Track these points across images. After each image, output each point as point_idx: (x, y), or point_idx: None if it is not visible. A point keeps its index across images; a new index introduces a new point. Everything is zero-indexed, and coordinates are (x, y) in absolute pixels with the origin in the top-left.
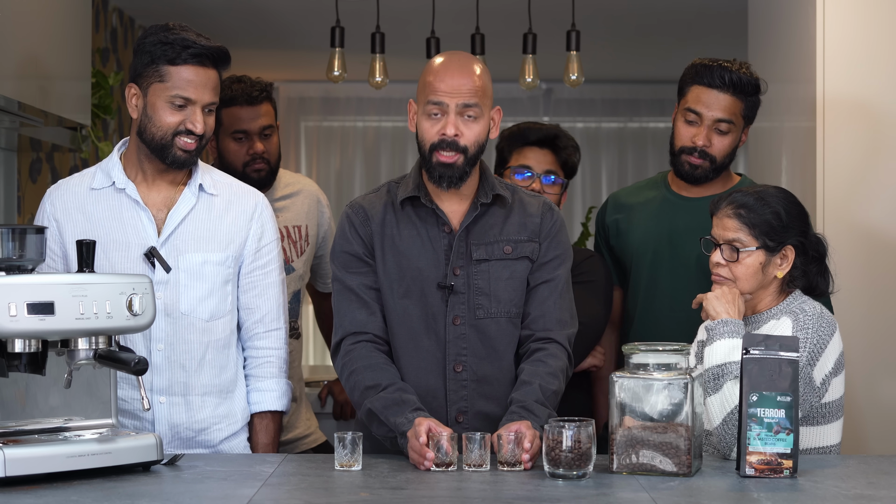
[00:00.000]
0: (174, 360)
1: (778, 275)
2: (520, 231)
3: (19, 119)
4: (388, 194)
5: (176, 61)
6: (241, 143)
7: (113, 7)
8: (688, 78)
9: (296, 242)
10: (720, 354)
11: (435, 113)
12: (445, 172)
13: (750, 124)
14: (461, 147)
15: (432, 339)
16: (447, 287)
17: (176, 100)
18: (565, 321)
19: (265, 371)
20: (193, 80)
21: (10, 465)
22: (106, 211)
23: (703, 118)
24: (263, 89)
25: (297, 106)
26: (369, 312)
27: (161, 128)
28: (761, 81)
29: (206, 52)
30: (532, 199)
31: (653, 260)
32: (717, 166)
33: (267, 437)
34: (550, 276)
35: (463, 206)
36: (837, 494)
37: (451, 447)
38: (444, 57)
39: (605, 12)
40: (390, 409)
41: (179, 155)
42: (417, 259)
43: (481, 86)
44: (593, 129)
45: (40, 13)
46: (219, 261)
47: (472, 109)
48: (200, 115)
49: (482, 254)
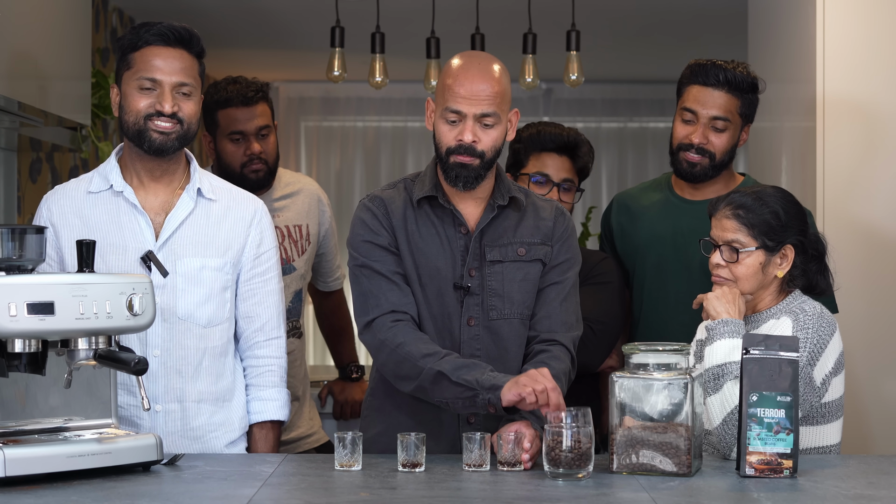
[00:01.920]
0: (170, 366)
1: (778, 274)
2: (533, 234)
3: (19, 119)
4: (406, 191)
5: (138, 45)
6: (238, 145)
7: (113, 7)
8: (685, 79)
9: (297, 242)
10: (720, 354)
11: (453, 119)
12: (462, 173)
13: (749, 123)
14: (478, 152)
15: (447, 338)
16: (463, 288)
17: (143, 83)
18: (570, 324)
19: (266, 380)
20: (157, 60)
21: (10, 465)
22: (104, 215)
23: (699, 116)
24: (259, 89)
25: (297, 106)
26: (404, 294)
27: (132, 113)
28: (760, 81)
29: (168, 32)
30: (544, 203)
31: (657, 263)
32: (717, 164)
33: (266, 446)
34: (559, 279)
35: (479, 208)
36: (837, 494)
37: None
38: (463, 59)
39: (605, 12)
40: (463, 370)
41: (155, 138)
42: (436, 258)
43: (500, 91)
44: (593, 129)
45: (40, 13)
46: (217, 266)
47: (490, 118)
48: (169, 95)
49: (496, 255)
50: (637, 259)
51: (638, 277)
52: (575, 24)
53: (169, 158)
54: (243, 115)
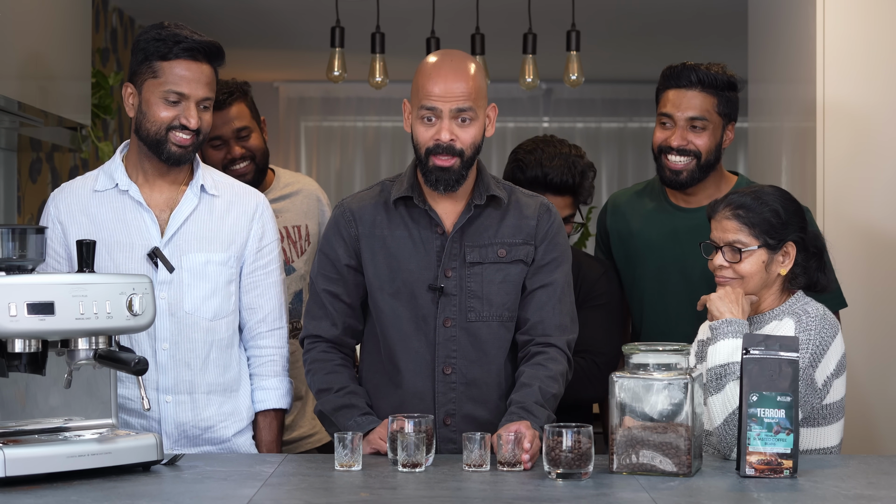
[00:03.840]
0: (179, 359)
1: (781, 272)
2: (515, 234)
3: (19, 119)
4: (382, 193)
5: (168, 56)
6: (219, 150)
7: (113, 7)
8: (660, 86)
9: (296, 242)
10: (723, 354)
11: (428, 118)
12: (442, 176)
13: (732, 122)
14: (457, 150)
15: (422, 340)
16: (437, 289)
17: (169, 95)
18: (565, 326)
19: (268, 370)
20: (186, 74)
21: (10, 465)
22: (110, 213)
23: (676, 119)
24: (232, 92)
25: (297, 106)
26: (330, 323)
27: (155, 123)
28: (737, 79)
29: (197, 47)
30: (529, 200)
31: (656, 274)
32: (703, 165)
33: (270, 434)
34: (548, 280)
35: (457, 208)
36: (837, 494)
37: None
38: (436, 57)
39: (605, 12)
40: (340, 412)
41: (174, 150)
42: (408, 261)
43: (475, 87)
44: (593, 129)
45: (40, 13)
46: (221, 261)
47: (467, 113)
48: (194, 111)
49: (475, 256)
50: (636, 269)
51: (637, 287)
52: (575, 24)
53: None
54: (218, 119)
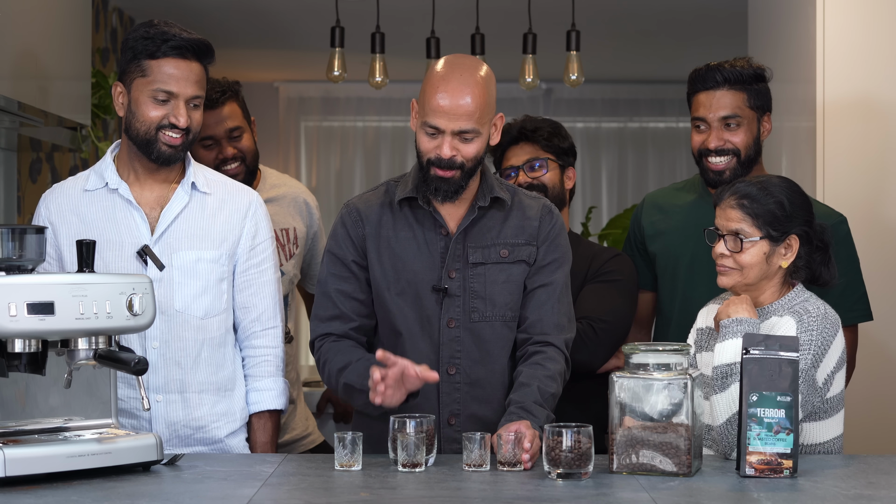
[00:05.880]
0: (169, 358)
1: (783, 264)
2: (517, 234)
3: (19, 119)
4: (387, 194)
5: (156, 55)
6: (210, 150)
7: (113, 7)
8: (689, 91)
9: (284, 246)
10: (729, 354)
11: (431, 133)
12: (441, 186)
13: (767, 112)
14: (458, 164)
15: (426, 340)
16: (441, 290)
17: (158, 94)
18: (563, 325)
19: (263, 370)
20: (174, 73)
21: (10, 465)
22: (100, 212)
23: (709, 121)
24: (224, 91)
25: (297, 106)
26: (341, 322)
27: (144, 122)
28: (766, 69)
29: (186, 45)
30: (532, 202)
31: (690, 264)
32: (744, 160)
33: (265, 435)
34: (548, 280)
35: (461, 209)
36: (837, 494)
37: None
38: (445, 68)
39: (605, 12)
40: (364, 377)
41: (164, 150)
42: (413, 261)
43: (482, 104)
44: (593, 129)
45: (40, 13)
46: (212, 258)
47: (469, 133)
48: (184, 109)
49: (478, 257)
50: (670, 259)
51: (671, 278)
52: (575, 24)
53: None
54: (210, 119)
